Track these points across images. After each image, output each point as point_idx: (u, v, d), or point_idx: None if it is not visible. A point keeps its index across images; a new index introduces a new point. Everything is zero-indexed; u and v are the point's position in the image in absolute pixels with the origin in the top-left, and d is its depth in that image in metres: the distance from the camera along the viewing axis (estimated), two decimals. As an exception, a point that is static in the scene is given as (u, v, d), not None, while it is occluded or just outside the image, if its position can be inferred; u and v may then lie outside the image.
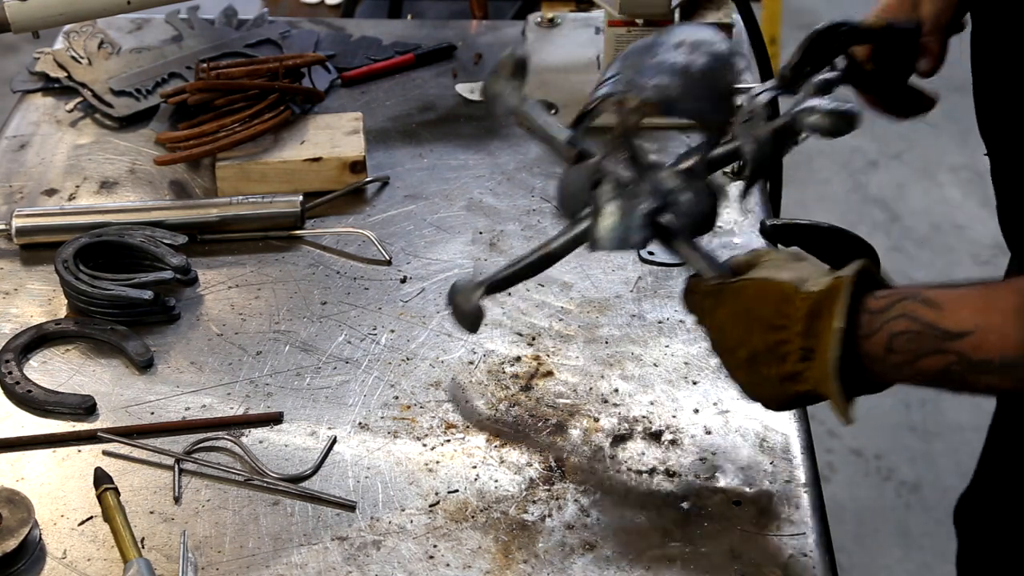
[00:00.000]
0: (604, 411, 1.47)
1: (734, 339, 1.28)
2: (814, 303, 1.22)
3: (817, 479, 1.40)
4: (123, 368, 1.55)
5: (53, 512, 1.37)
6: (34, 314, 1.62)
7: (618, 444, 1.43)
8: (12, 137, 1.94)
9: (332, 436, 1.45)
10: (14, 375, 1.52)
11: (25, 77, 2.05)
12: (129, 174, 1.86)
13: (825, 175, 3.89)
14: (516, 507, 1.37)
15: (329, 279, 1.67)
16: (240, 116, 1.83)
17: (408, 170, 1.86)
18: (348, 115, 1.88)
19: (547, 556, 1.32)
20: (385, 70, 2.07)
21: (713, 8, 1.97)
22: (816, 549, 1.31)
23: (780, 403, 1.29)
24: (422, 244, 1.72)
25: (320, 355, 1.56)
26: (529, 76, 1.61)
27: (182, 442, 1.44)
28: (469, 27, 2.21)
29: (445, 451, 1.43)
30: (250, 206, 1.74)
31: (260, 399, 1.50)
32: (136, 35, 2.13)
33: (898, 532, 2.90)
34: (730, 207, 1.75)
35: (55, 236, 1.70)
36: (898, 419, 3.14)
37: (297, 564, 1.31)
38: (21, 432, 1.47)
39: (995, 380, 1.15)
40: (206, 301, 1.64)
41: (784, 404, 1.30)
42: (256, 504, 1.38)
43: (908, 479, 3.01)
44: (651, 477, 1.39)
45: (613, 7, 1.93)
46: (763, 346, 1.25)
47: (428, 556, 1.32)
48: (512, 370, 1.53)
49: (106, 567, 1.31)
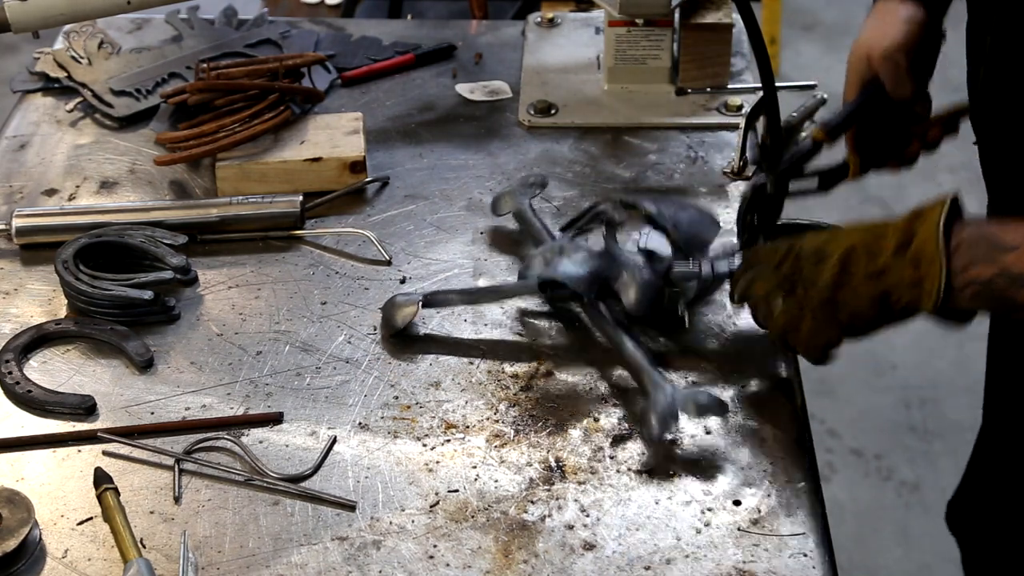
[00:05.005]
0: (604, 411, 1.47)
1: (829, 249, 1.36)
2: (913, 212, 1.32)
3: (817, 479, 1.40)
4: (123, 368, 1.55)
5: (53, 512, 1.37)
6: (34, 314, 1.62)
7: (618, 444, 1.43)
8: (12, 137, 1.94)
9: (332, 436, 1.45)
10: (14, 375, 1.52)
11: (25, 77, 2.05)
12: (129, 174, 1.86)
13: (825, 175, 3.89)
14: (516, 507, 1.37)
15: (329, 279, 1.67)
16: (240, 116, 1.83)
17: (408, 170, 1.86)
18: (348, 115, 1.88)
19: (547, 556, 1.32)
20: (385, 70, 2.07)
21: (713, 8, 1.97)
22: (816, 549, 1.32)
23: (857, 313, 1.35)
24: (422, 244, 1.72)
25: (320, 355, 1.56)
26: (529, 76, 1.62)
27: (182, 442, 1.44)
28: (469, 27, 2.21)
29: (445, 451, 1.43)
30: (250, 206, 1.74)
31: (260, 399, 1.50)
32: (136, 35, 2.13)
33: (898, 532, 2.90)
34: (731, 209, 1.75)
35: (55, 236, 1.70)
36: (898, 419, 3.14)
37: (297, 564, 1.32)
38: (21, 432, 1.47)
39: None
40: (206, 301, 1.64)
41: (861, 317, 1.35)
42: (256, 504, 1.38)
43: (908, 479, 3.01)
44: (651, 477, 1.39)
45: (613, 7, 1.93)
46: (860, 241, 1.34)
47: (428, 556, 1.32)
48: (512, 370, 1.53)
49: (106, 567, 1.32)
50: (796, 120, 1.62)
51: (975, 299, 1.30)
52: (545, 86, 2.01)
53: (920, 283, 1.31)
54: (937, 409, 3.16)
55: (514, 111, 1.97)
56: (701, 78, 1.97)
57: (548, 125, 1.93)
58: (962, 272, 1.29)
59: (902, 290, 1.32)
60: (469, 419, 1.47)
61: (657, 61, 1.97)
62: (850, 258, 1.35)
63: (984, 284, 1.28)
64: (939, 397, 3.17)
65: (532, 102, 1.97)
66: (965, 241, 1.29)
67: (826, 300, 1.36)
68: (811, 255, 1.38)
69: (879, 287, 1.33)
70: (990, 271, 1.27)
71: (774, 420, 1.45)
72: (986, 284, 1.28)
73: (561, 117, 1.95)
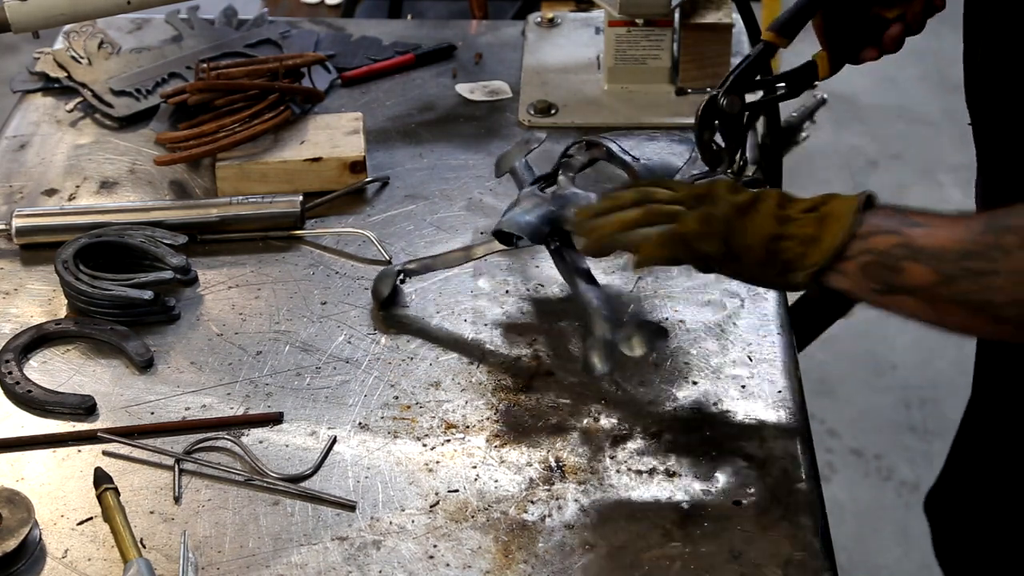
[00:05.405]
0: (604, 411, 1.47)
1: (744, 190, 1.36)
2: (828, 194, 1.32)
3: (817, 479, 1.40)
4: (123, 368, 1.55)
5: (53, 512, 1.37)
6: (34, 314, 1.62)
7: (618, 444, 1.43)
8: (12, 137, 1.94)
9: (332, 436, 1.45)
10: (14, 375, 1.52)
11: (25, 77, 2.05)
12: (129, 174, 1.86)
13: (825, 175, 3.89)
14: (516, 507, 1.37)
15: (329, 279, 1.67)
16: (240, 116, 1.83)
17: (408, 170, 1.86)
18: (348, 115, 1.88)
19: (547, 556, 1.32)
20: (385, 70, 2.07)
21: (713, 8, 1.97)
22: (816, 549, 1.31)
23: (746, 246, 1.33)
24: (422, 244, 1.72)
25: (320, 355, 1.56)
26: (529, 76, 1.62)
27: (182, 442, 1.44)
28: (469, 27, 2.21)
29: (445, 451, 1.43)
30: (250, 206, 1.74)
31: (260, 399, 1.50)
32: (136, 35, 2.13)
33: (898, 532, 2.90)
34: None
35: (55, 236, 1.70)
36: (898, 419, 3.14)
37: (297, 564, 1.32)
38: (21, 432, 1.47)
39: (922, 272, 1.23)
40: (206, 301, 1.64)
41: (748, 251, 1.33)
42: (256, 504, 1.38)
43: (908, 479, 3.01)
44: (651, 477, 1.39)
45: (613, 7, 1.93)
46: (777, 192, 1.34)
47: (428, 556, 1.32)
48: (512, 370, 1.53)
49: (106, 567, 1.32)
50: (796, 120, 1.61)
51: (864, 271, 1.27)
52: (545, 86, 2.01)
53: (817, 240, 1.29)
54: (937, 409, 3.16)
55: (514, 111, 1.97)
56: (701, 78, 1.97)
57: (548, 125, 1.93)
58: (864, 239, 1.27)
59: (795, 243, 1.30)
60: (469, 419, 1.47)
61: (657, 61, 1.97)
62: (762, 197, 1.34)
63: (880, 254, 1.26)
64: (939, 397, 3.17)
65: (532, 102, 1.97)
66: (879, 214, 1.28)
67: (727, 216, 1.34)
68: (728, 185, 1.37)
69: (777, 229, 1.32)
70: (891, 241, 1.25)
71: (774, 420, 1.45)
72: (882, 254, 1.25)
73: (561, 117, 1.95)
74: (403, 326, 1.59)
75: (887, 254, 1.25)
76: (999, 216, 1.22)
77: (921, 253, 1.23)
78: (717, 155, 1.54)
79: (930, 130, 4.01)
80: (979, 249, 1.20)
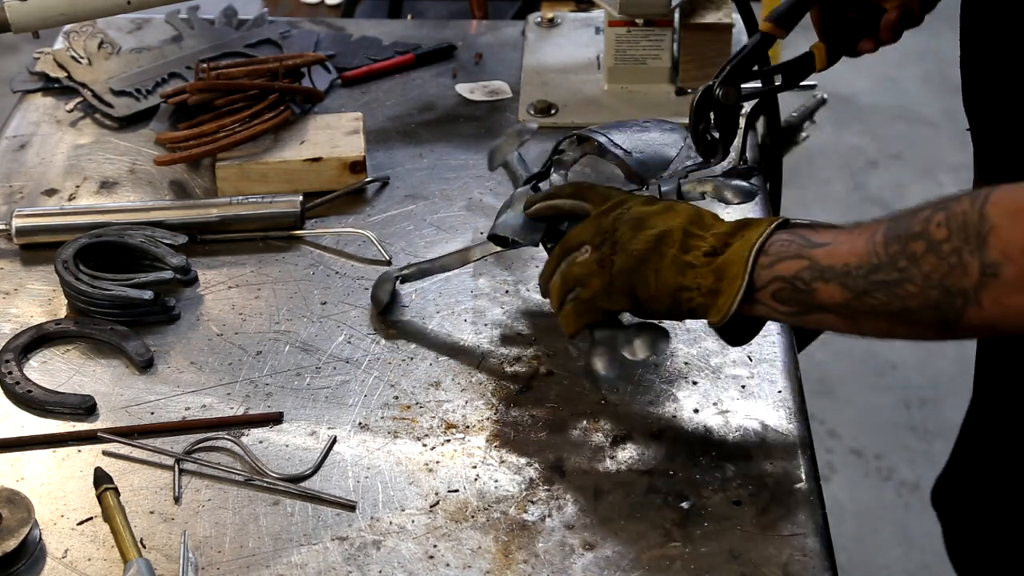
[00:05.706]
0: (604, 411, 1.47)
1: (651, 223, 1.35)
2: (741, 222, 1.32)
3: (817, 479, 1.40)
4: (123, 368, 1.55)
5: (53, 512, 1.37)
6: (34, 314, 1.62)
7: (618, 444, 1.43)
8: (12, 137, 1.94)
9: (332, 436, 1.45)
10: (14, 375, 1.52)
11: (25, 77, 2.05)
12: (129, 174, 1.86)
13: (825, 175, 3.90)
14: (516, 507, 1.37)
15: (329, 279, 1.67)
16: (240, 116, 1.83)
17: (408, 170, 1.86)
18: (348, 115, 1.88)
19: (547, 556, 1.32)
20: (385, 70, 2.07)
21: (713, 8, 1.97)
22: (816, 549, 1.31)
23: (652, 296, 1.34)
24: (422, 244, 1.72)
25: (320, 355, 1.56)
26: (529, 76, 1.62)
27: (182, 442, 1.44)
28: (469, 27, 2.21)
29: (445, 451, 1.43)
30: (250, 206, 1.74)
31: (260, 399, 1.50)
32: (136, 35, 2.13)
33: (898, 532, 2.90)
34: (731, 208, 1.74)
35: (55, 236, 1.70)
36: (898, 419, 3.14)
37: (297, 564, 1.32)
38: (21, 432, 1.47)
39: (833, 290, 1.23)
40: (206, 301, 1.64)
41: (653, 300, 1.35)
42: (256, 504, 1.38)
43: (908, 479, 3.01)
44: (651, 477, 1.39)
45: (613, 7, 1.93)
46: (681, 227, 1.33)
47: (428, 556, 1.32)
48: (512, 370, 1.53)
49: (106, 567, 1.32)
50: (796, 120, 1.61)
51: (775, 298, 1.27)
52: (545, 86, 2.01)
53: (715, 294, 1.30)
54: (937, 409, 3.16)
55: (514, 111, 1.97)
56: (701, 78, 1.96)
57: (548, 125, 1.93)
58: (768, 268, 1.27)
59: (696, 293, 1.32)
60: (469, 419, 1.47)
61: (657, 61, 1.97)
62: (665, 239, 1.34)
63: (789, 280, 1.26)
64: (939, 397, 3.18)
65: (532, 102, 1.97)
66: (777, 242, 1.28)
67: (629, 269, 1.35)
68: (633, 220, 1.37)
69: (679, 280, 1.32)
70: (797, 266, 1.26)
71: (774, 420, 1.45)
72: (791, 280, 1.26)
73: (561, 117, 1.95)
74: (403, 326, 1.60)
75: (796, 279, 1.26)
76: (901, 221, 1.21)
77: (827, 272, 1.24)
78: (712, 146, 1.54)
79: (930, 130, 4.01)
80: (886, 260, 1.20)
